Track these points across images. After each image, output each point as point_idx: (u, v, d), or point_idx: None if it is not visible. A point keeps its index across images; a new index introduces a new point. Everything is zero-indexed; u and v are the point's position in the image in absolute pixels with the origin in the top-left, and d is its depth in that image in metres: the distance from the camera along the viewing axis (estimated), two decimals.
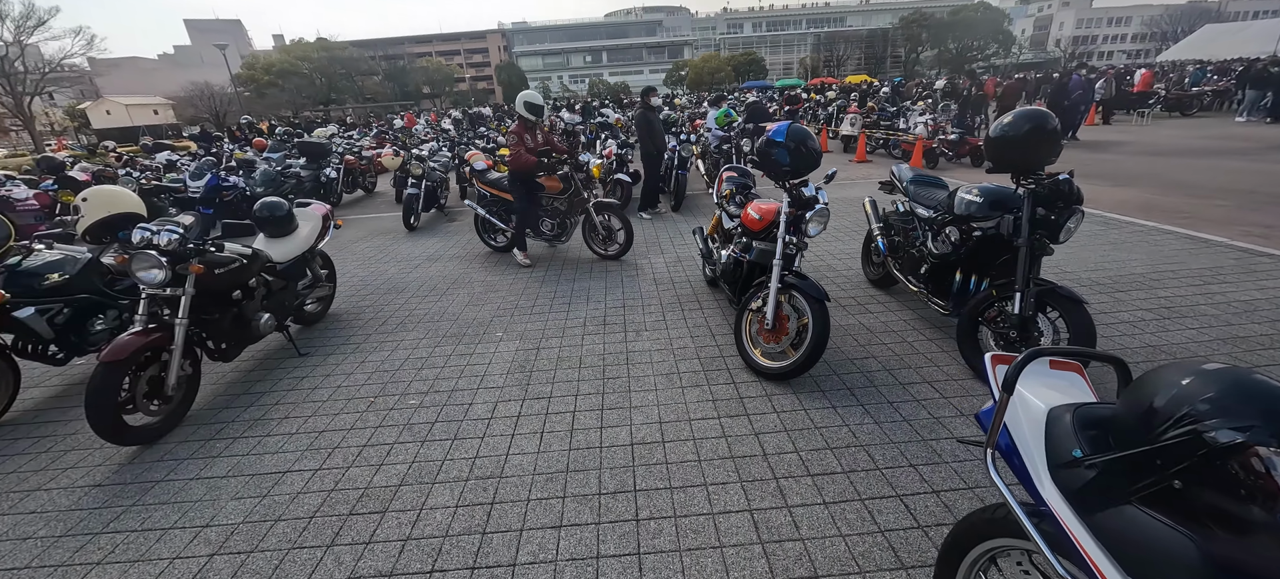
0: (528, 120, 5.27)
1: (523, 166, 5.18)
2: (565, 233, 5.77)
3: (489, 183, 5.88)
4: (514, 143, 5.18)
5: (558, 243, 5.86)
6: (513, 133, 5.28)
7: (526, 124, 5.27)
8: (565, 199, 5.52)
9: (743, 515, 2.18)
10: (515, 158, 5.16)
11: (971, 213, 2.99)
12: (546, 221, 5.70)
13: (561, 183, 5.42)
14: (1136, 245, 5.25)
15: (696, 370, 3.31)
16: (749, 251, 3.28)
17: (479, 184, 5.95)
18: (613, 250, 5.60)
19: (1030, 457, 1.15)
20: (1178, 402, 0.92)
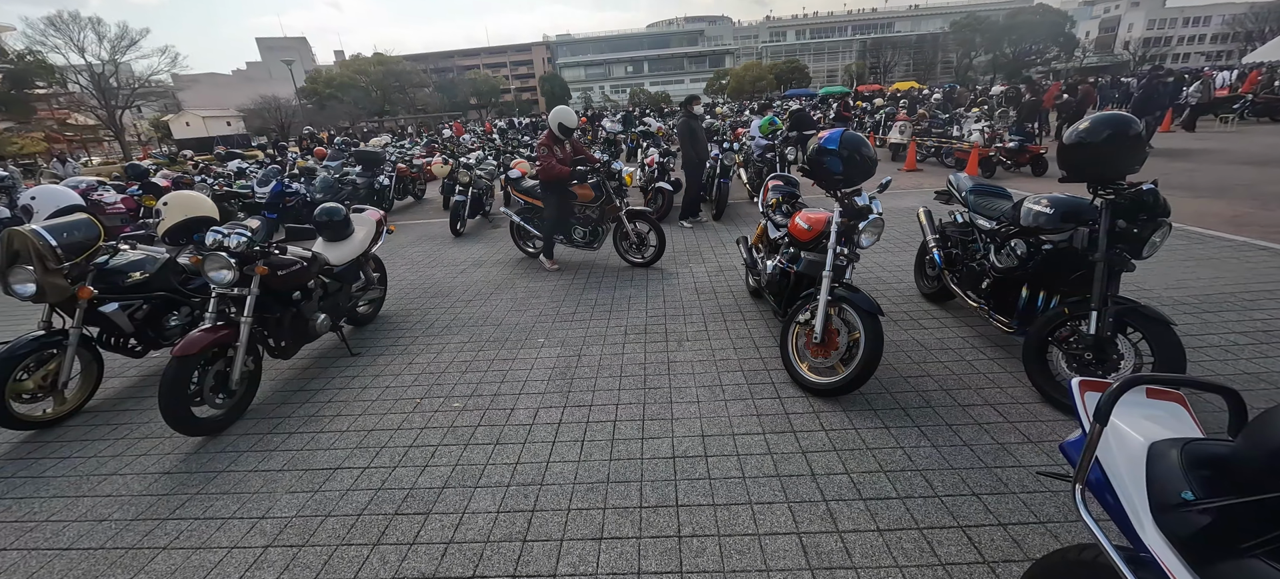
0: (556, 135, 5.46)
1: (554, 175, 5.35)
2: (597, 239, 5.81)
3: (523, 191, 6.00)
4: (544, 154, 5.34)
5: (590, 249, 5.90)
6: (541, 144, 5.43)
7: (554, 138, 5.46)
8: (597, 207, 5.59)
9: (790, 538, 2.08)
10: (545, 167, 5.32)
11: (1041, 225, 2.79)
12: (578, 229, 5.77)
13: (593, 191, 5.49)
14: (1225, 261, 4.81)
15: (740, 383, 3.22)
16: (797, 262, 3.18)
17: (514, 192, 6.09)
18: (646, 256, 5.62)
19: (1127, 496, 1.03)
20: None
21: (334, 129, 30.89)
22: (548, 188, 5.49)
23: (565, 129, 5.43)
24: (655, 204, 7.57)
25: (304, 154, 13.83)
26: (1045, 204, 2.83)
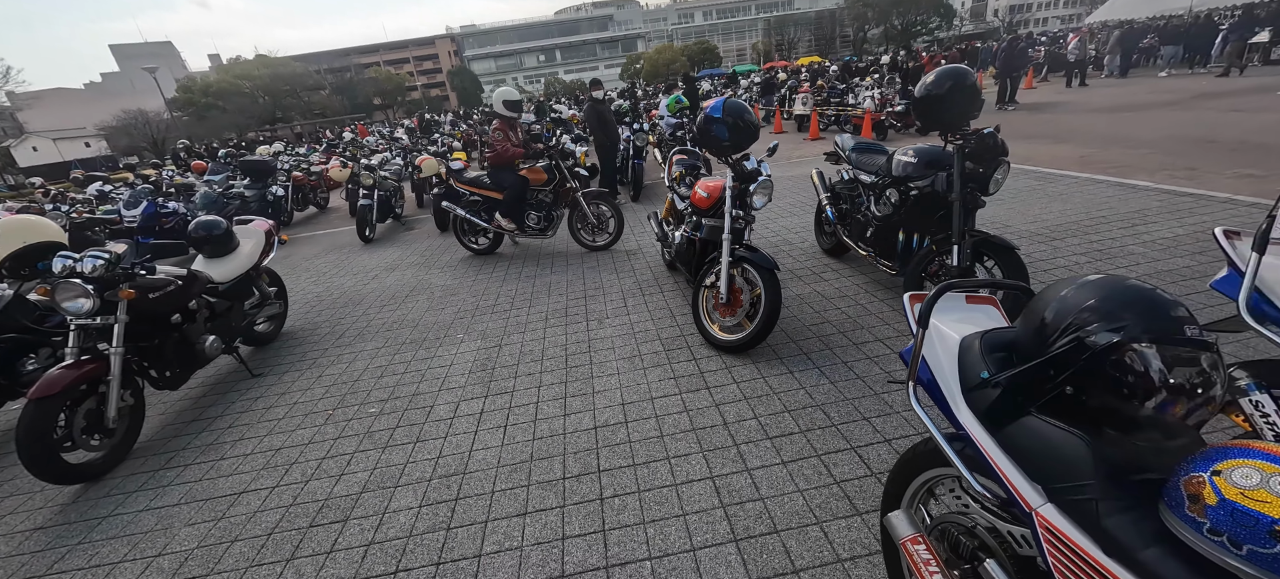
0: (509, 117, 5.32)
1: (508, 158, 5.20)
2: (552, 225, 5.65)
3: (469, 182, 5.63)
4: (499, 138, 5.18)
5: (544, 236, 5.72)
6: (496, 130, 5.25)
7: (507, 121, 5.31)
8: (550, 190, 5.46)
9: (705, 483, 2.22)
10: (501, 151, 5.16)
11: (908, 173, 3.10)
12: (532, 214, 5.57)
13: (546, 173, 5.36)
14: (1072, 196, 5.52)
15: (658, 351, 3.34)
16: (700, 229, 3.33)
17: (457, 184, 5.71)
18: (603, 241, 5.52)
19: (947, 384, 1.22)
20: (1063, 313, 0.99)
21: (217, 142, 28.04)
22: (500, 172, 5.30)
23: (512, 105, 5.29)
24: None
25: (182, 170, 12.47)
26: (911, 155, 3.14)
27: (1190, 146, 6.92)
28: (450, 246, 6.55)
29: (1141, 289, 0.95)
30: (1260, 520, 0.71)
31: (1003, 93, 12.78)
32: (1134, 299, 0.93)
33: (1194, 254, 3.79)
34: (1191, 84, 12.73)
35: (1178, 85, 12.82)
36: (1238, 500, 0.73)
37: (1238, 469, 0.75)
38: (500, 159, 5.25)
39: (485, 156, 5.42)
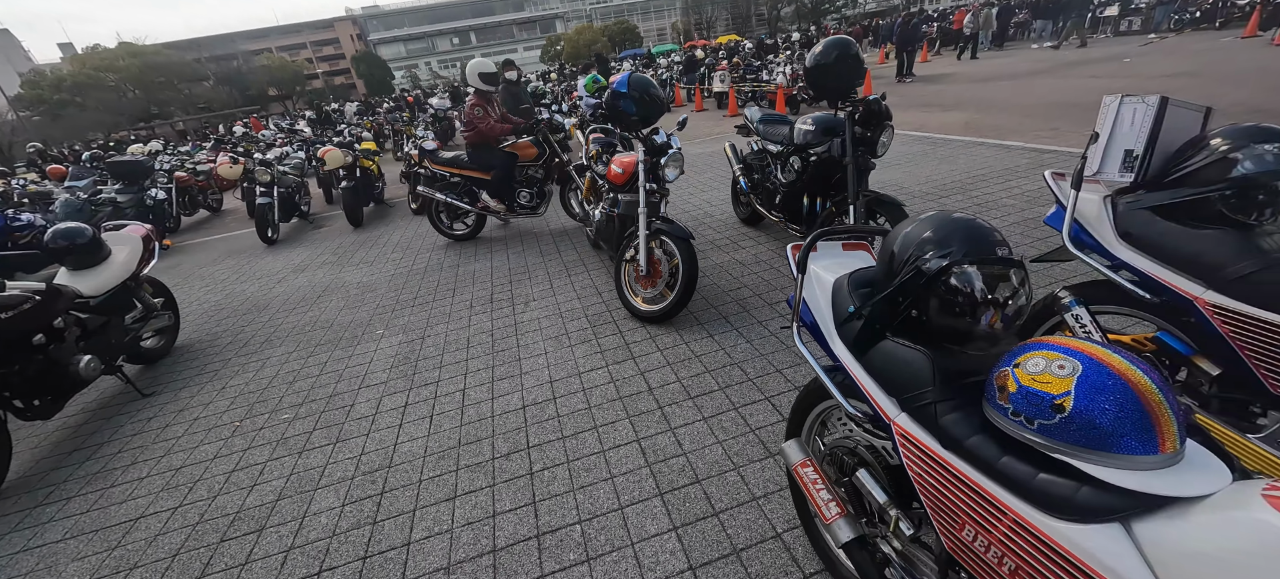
0: (485, 91, 5.00)
1: (494, 135, 4.91)
2: (543, 202, 5.41)
3: (446, 162, 5.24)
4: (478, 115, 4.87)
5: (536, 213, 5.46)
6: (473, 106, 4.92)
7: (484, 96, 5.00)
8: (540, 166, 5.23)
9: (631, 446, 2.32)
10: (485, 128, 4.86)
11: (808, 141, 3.31)
12: (522, 192, 5.29)
13: (536, 149, 5.12)
14: (957, 158, 6.08)
15: (584, 328, 3.39)
16: (617, 205, 3.39)
17: (434, 166, 5.32)
18: None
19: (824, 322, 1.35)
20: (905, 247, 1.14)
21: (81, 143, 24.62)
22: (483, 151, 4.98)
23: (488, 77, 4.94)
24: None
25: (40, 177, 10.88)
26: (809, 123, 3.35)
27: (1054, 110, 7.78)
28: (366, 243, 6.23)
29: (964, 220, 1.11)
30: (1044, 398, 0.87)
31: (901, 66, 13.72)
32: (957, 228, 1.08)
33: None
34: (1059, 55, 14.24)
35: (1048, 56, 14.29)
36: (1029, 384, 0.89)
37: (1030, 360, 0.91)
38: (482, 137, 4.93)
39: (464, 135, 5.03)
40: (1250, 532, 0.67)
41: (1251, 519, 0.67)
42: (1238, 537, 0.68)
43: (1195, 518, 0.73)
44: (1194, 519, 0.73)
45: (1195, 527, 0.73)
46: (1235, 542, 0.68)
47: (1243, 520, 0.68)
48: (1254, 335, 1.30)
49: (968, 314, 1.06)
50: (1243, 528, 0.68)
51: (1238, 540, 0.68)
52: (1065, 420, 0.84)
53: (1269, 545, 0.65)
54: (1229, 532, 0.69)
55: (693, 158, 8.01)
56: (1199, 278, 1.41)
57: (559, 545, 1.90)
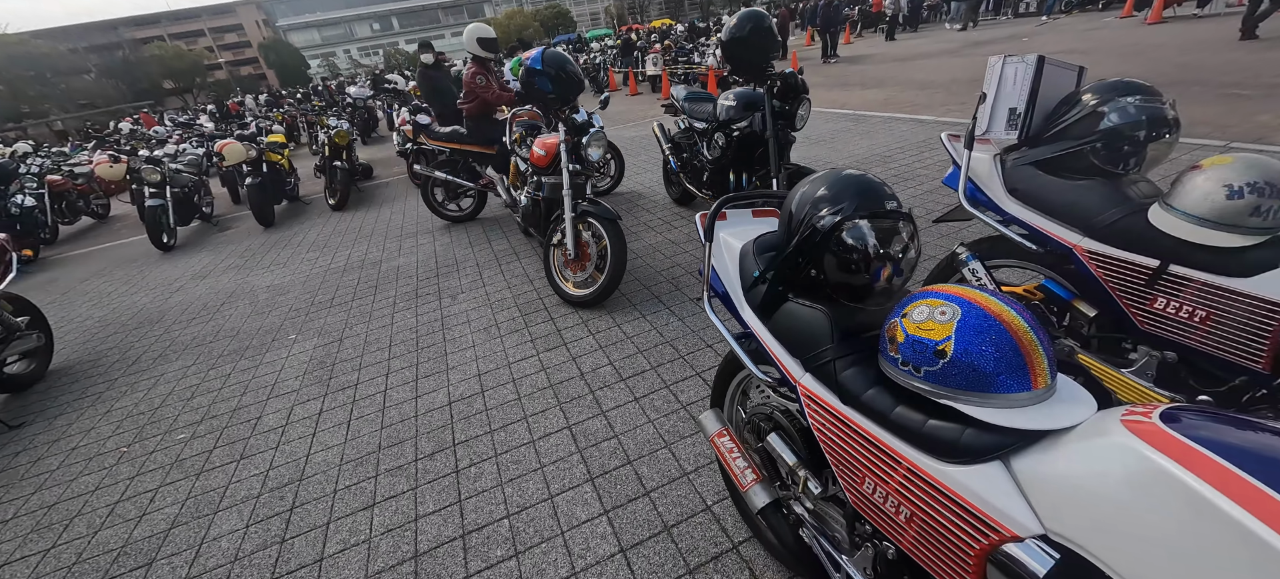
0: (485, 58, 4.60)
1: (499, 103, 4.55)
2: None
3: (442, 138, 4.82)
4: (480, 84, 4.48)
5: None
6: (474, 75, 4.52)
7: (483, 63, 4.61)
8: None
9: (562, 434, 2.25)
10: (493, 97, 4.49)
11: (731, 117, 3.32)
12: None
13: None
14: (877, 133, 6.34)
15: (515, 317, 3.28)
16: (541, 189, 3.28)
17: (430, 141, 4.87)
18: (605, 184, 5.05)
19: (733, 289, 1.34)
20: (801, 206, 1.13)
21: None
22: (484, 123, 4.60)
23: (487, 44, 4.52)
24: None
25: None
26: (731, 99, 3.36)
27: (964, 86, 8.27)
28: (278, 243, 5.77)
29: (855, 176, 1.11)
30: (928, 345, 0.88)
31: (825, 48, 14.16)
32: (849, 185, 1.09)
33: None
34: (967, 36, 15.15)
35: (958, 37, 15.18)
36: (915, 333, 0.90)
37: (916, 309, 0.92)
38: (485, 107, 4.57)
39: (463, 107, 4.66)
40: (1111, 455, 0.70)
41: (1112, 444, 0.70)
42: (1100, 461, 0.71)
43: (1064, 448, 0.76)
44: (1063, 449, 0.76)
45: (1064, 456, 0.75)
46: (1098, 466, 0.71)
47: (1104, 445, 0.71)
48: (1122, 276, 1.40)
49: (862, 269, 1.06)
50: (1104, 452, 0.71)
51: (1100, 464, 0.70)
52: (948, 365, 0.85)
53: (1127, 466, 0.67)
54: (1092, 457, 0.72)
55: (627, 142, 7.95)
56: (1076, 227, 1.50)
57: (485, 543, 1.81)
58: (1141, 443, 0.67)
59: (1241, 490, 0.59)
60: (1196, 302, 1.27)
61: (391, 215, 6.06)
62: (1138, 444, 0.67)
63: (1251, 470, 0.60)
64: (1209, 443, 0.64)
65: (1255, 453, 0.62)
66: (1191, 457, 0.63)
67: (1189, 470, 0.62)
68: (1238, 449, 0.63)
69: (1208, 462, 0.62)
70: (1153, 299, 1.34)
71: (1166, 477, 0.63)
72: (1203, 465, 0.62)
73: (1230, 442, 0.64)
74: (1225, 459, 0.62)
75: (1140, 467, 0.66)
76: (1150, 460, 0.65)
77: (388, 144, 9.48)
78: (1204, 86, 5.54)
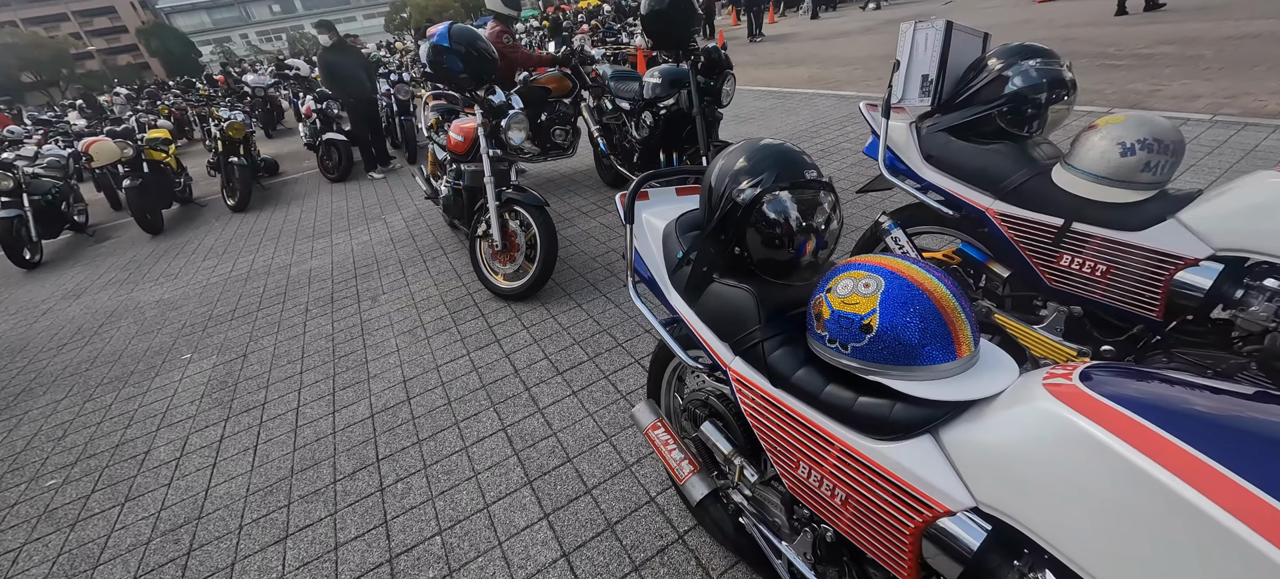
0: (507, 16, 4.23)
1: (528, 64, 4.20)
2: (575, 140, 4.72)
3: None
4: (507, 44, 4.07)
5: (567, 154, 4.73)
6: (495, 32, 4.09)
7: (504, 20, 4.23)
8: (571, 99, 4.55)
9: (496, 436, 2.13)
10: (521, 57, 4.13)
11: (657, 95, 3.25)
12: (557, 130, 4.52)
13: (569, 81, 4.44)
14: (802, 109, 6.48)
15: (442, 316, 3.08)
16: (462, 177, 3.08)
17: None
18: (569, 156, 4.81)
19: (659, 273, 1.27)
20: (720, 180, 1.07)
21: None
22: (508, 88, 4.07)
23: (510, 1, 4.15)
24: (330, 159, 6.47)
25: None
26: (656, 76, 3.28)
27: (880, 61, 8.62)
28: (169, 251, 5.16)
29: (773, 146, 1.06)
30: (854, 320, 0.84)
31: (751, 27, 14.36)
32: (768, 155, 1.03)
33: None
34: (883, 14, 15.83)
35: (874, 15, 15.81)
36: (840, 308, 0.86)
37: (840, 283, 0.88)
38: (511, 67, 4.16)
39: None
40: (1034, 421, 0.68)
41: (1035, 410, 0.69)
42: (1024, 428, 0.69)
43: (990, 417, 0.74)
44: (989, 418, 0.74)
45: (990, 425, 0.73)
46: (1023, 433, 0.69)
47: (1028, 412, 0.69)
48: (1031, 235, 1.45)
49: (785, 243, 1.01)
50: (1028, 418, 0.69)
51: (1025, 432, 0.69)
52: (874, 340, 0.82)
53: (1050, 430, 0.66)
54: (1017, 424, 0.70)
55: None
56: (987, 190, 1.54)
57: (415, 565, 1.68)
58: (1063, 406, 0.66)
59: (1157, 447, 0.58)
60: (1097, 257, 1.33)
61: (302, 214, 5.57)
62: (1060, 408, 0.66)
63: (1167, 426, 0.59)
64: (1126, 401, 0.63)
65: (1169, 409, 0.62)
66: (1111, 417, 0.62)
67: (1109, 431, 0.61)
68: (1153, 406, 0.62)
69: (1126, 421, 0.61)
70: (1059, 256, 1.39)
71: (1088, 439, 0.62)
72: (1122, 425, 0.61)
73: (1145, 399, 0.64)
74: (1143, 417, 0.61)
75: (1062, 431, 0.65)
76: (1072, 423, 0.64)
77: (295, 137, 8.70)
78: (1086, 57, 6.04)
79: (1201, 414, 0.61)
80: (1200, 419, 0.60)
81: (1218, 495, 0.52)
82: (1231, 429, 0.59)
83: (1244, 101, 4.15)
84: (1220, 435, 0.57)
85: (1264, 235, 1.09)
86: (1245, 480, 0.52)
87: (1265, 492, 0.51)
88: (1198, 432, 0.58)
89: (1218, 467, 0.54)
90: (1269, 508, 0.50)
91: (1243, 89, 4.42)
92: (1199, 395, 0.65)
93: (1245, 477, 0.53)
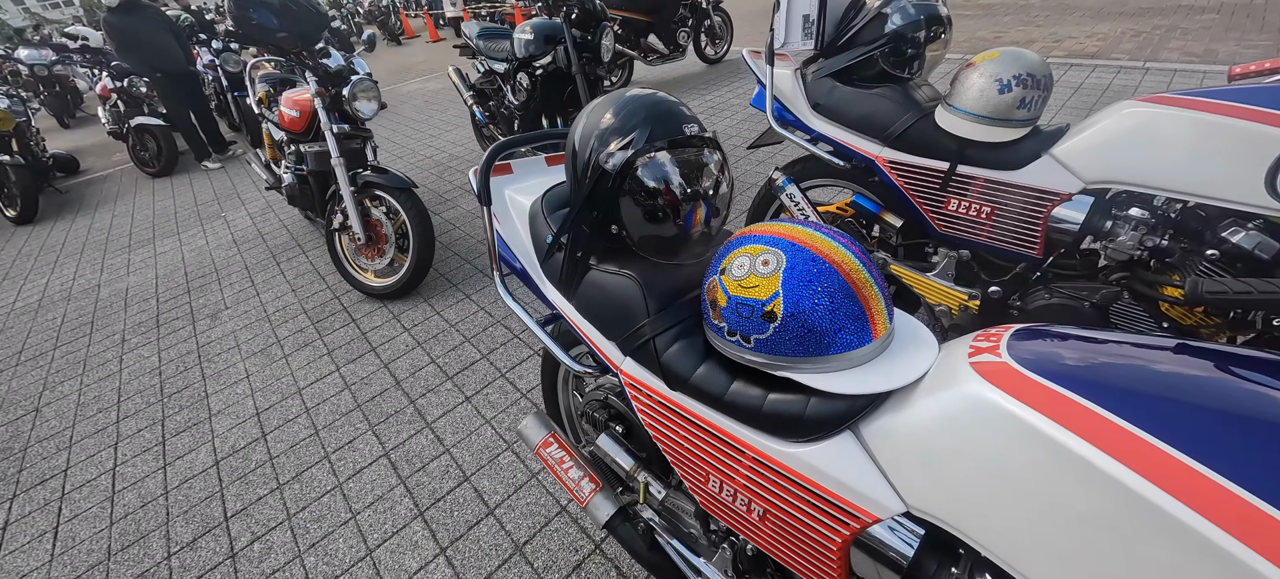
0: None
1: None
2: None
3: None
4: None
5: (682, 55, 4.79)
6: None
7: None
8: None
9: (378, 465, 1.84)
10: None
11: (531, 53, 2.93)
12: (681, 31, 4.49)
13: None
14: (689, 69, 6.39)
15: (304, 329, 2.63)
16: (303, 161, 2.59)
17: None
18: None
19: (530, 262, 1.06)
20: (583, 145, 0.87)
21: None
22: None
23: None
24: (146, 149, 5.35)
25: None
26: (528, 31, 2.96)
27: (762, 14, 8.74)
28: None
29: (643, 96, 0.88)
30: (755, 307, 0.70)
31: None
32: (637, 108, 0.85)
33: None
34: None
35: None
36: (738, 293, 0.71)
37: (735, 262, 0.73)
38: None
39: None
40: (963, 408, 0.58)
41: (962, 395, 0.59)
42: (952, 416, 0.59)
43: (914, 406, 0.64)
44: (913, 408, 0.64)
45: (915, 416, 0.63)
46: (950, 422, 0.59)
47: (954, 398, 0.59)
48: (919, 181, 1.42)
49: (668, 215, 0.84)
50: (955, 405, 0.59)
51: (953, 420, 0.59)
52: (779, 329, 0.68)
53: (980, 417, 0.56)
54: (943, 413, 0.60)
55: (433, 96, 7.03)
56: (875, 137, 1.49)
57: None
58: (993, 389, 0.56)
59: (1097, 429, 0.49)
60: (982, 199, 1.32)
61: (114, 219, 4.57)
62: (989, 391, 0.56)
63: (1105, 402, 0.51)
64: (1059, 376, 0.55)
65: (1104, 383, 0.54)
66: (1044, 397, 0.53)
67: (1045, 415, 0.52)
68: (1087, 380, 0.54)
69: (1062, 400, 0.52)
70: (947, 201, 1.37)
71: (1022, 426, 0.53)
72: (1057, 406, 0.52)
73: (1077, 372, 0.56)
74: (1079, 394, 0.52)
75: (993, 417, 0.55)
76: (1003, 409, 0.54)
77: (99, 125, 7.09)
78: None
79: (1136, 384, 0.54)
80: (1135, 391, 0.53)
81: (1166, 482, 0.45)
82: (1168, 399, 0.51)
83: (1068, 45, 4.67)
84: (1158, 408, 0.50)
85: (1128, 165, 1.11)
86: (1195, 460, 0.45)
87: (1219, 473, 0.44)
88: (1137, 406, 0.50)
89: (1161, 445, 0.47)
90: (1223, 492, 0.43)
91: (1066, 33, 4.98)
92: (1126, 358, 0.58)
93: (1193, 455, 0.45)
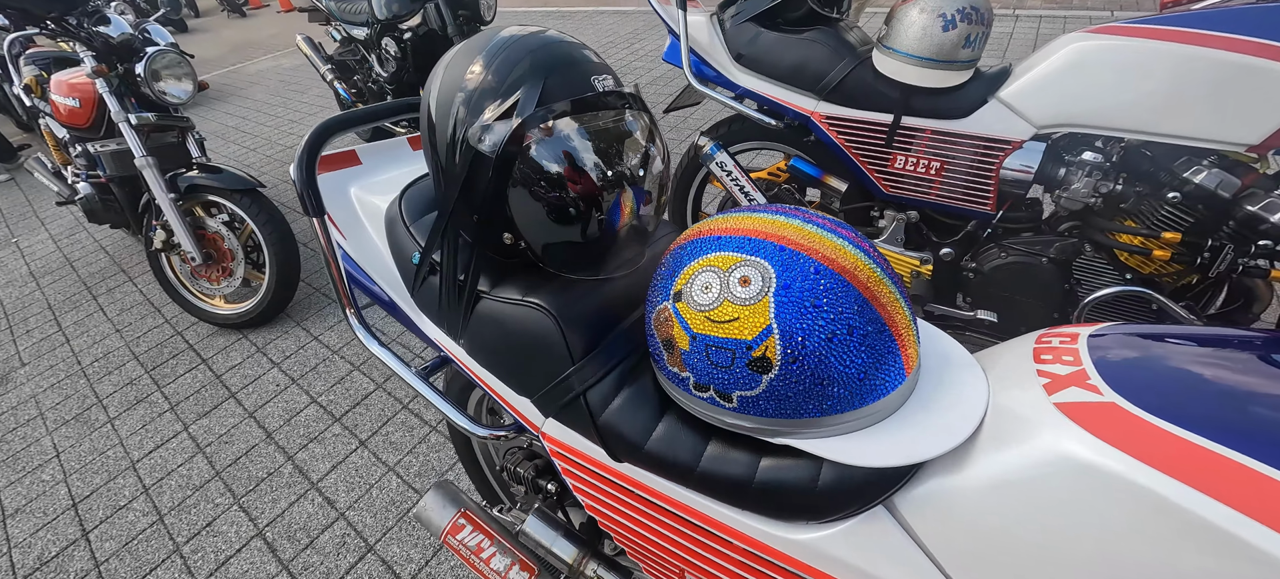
0: None
1: None
2: None
3: None
4: None
5: None
6: None
7: None
8: None
9: (251, 548, 1.45)
10: None
11: (395, 12, 2.45)
12: None
13: None
14: (584, 29, 5.99)
15: (135, 379, 2.08)
16: (99, 165, 1.99)
17: None
18: None
19: (396, 289, 0.77)
20: (444, 112, 0.59)
21: None
22: None
23: None
24: None
25: None
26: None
27: None
28: None
29: (526, 39, 0.59)
30: (736, 351, 0.47)
31: None
32: (520, 55, 0.57)
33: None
34: None
35: None
36: (706, 331, 0.48)
37: (696, 280, 0.50)
38: None
39: None
40: (1060, 471, 0.40)
41: (1059, 455, 0.40)
42: (1039, 484, 0.41)
43: (975, 463, 0.45)
44: (974, 465, 0.45)
45: (976, 481, 0.44)
46: (1041, 492, 0.41)
47: (1045, 458, 0.41)
48: (860, 138, 1.27)
49: (580, 210, 0.58)
50: (1047, 469, 0.41)
51: (1045, 490, 0.40)
52: (777, 382, 0.46)
53: (1097, 488, 0.38)
54: (1029, 479, 0.42)
55: (289, 75, 6.06)
56: (808, 90, 1.31)
57: None
58: (1102, 446, 0.38)
59: (1252, 491, 0.33)
60: (929, 153, 1.19)
61: None
62: (1098, 451, 0.38)
63: (1245, 448, 0.35)
64: (1196, 420, 0.37)
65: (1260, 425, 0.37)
66: (1173, 451, 0.36)
67: (1192, 487, 0.35)
68: (1233, 423, 0.37)
69: (1213, 460, 0.35)
70: (893, 158, 1.24)
71: (1163, 504, 0.35)
72: (1194, 464, 0.35)
73: (1214, 406, 0.39)
74: (1234, 449, 0.35)
75: (1116, 491, 0.37)
76: (1125, 479, 0.37)
77: None
78: None
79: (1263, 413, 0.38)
80: (1265, 420, 0.37)
81: None
82: None
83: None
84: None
85: (1083, 105, 1.02)
86: None
87: None
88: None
89: None
90: None
91: None
92: (1261, 375, 0.42)
93: None
